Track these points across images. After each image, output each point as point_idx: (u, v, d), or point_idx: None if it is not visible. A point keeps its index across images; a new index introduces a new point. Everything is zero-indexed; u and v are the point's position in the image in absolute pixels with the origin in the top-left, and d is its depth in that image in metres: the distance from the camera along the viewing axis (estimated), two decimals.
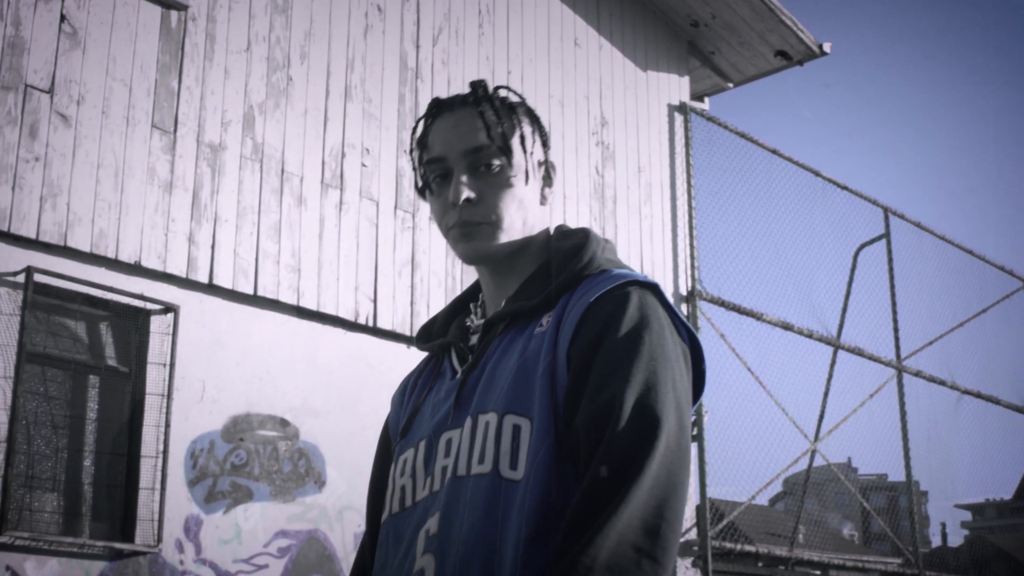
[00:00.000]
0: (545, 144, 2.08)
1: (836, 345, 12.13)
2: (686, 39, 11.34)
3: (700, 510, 9.97)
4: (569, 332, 1.84)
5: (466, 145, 1.95)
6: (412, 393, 2.13)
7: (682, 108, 11.02)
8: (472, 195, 1.94)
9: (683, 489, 1.72)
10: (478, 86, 2.02)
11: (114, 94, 7.15)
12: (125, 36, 7.29)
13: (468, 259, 1.98)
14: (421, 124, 2.05)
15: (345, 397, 7.89)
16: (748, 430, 10.84)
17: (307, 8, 8.32)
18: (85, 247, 6.79)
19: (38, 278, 6.55)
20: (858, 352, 12.37)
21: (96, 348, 6.97)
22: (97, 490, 6.80)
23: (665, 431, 1.71)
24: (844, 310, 12.48)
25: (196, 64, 7.60)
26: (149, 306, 7.05)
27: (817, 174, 12.28)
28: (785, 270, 11.68)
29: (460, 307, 2.15)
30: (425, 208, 8.65)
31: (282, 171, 7.87)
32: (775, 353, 11.23)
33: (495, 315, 2.00)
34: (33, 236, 6.59)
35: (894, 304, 13.02)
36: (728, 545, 10.03)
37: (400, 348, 8.30)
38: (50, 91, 6.87)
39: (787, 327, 11.41)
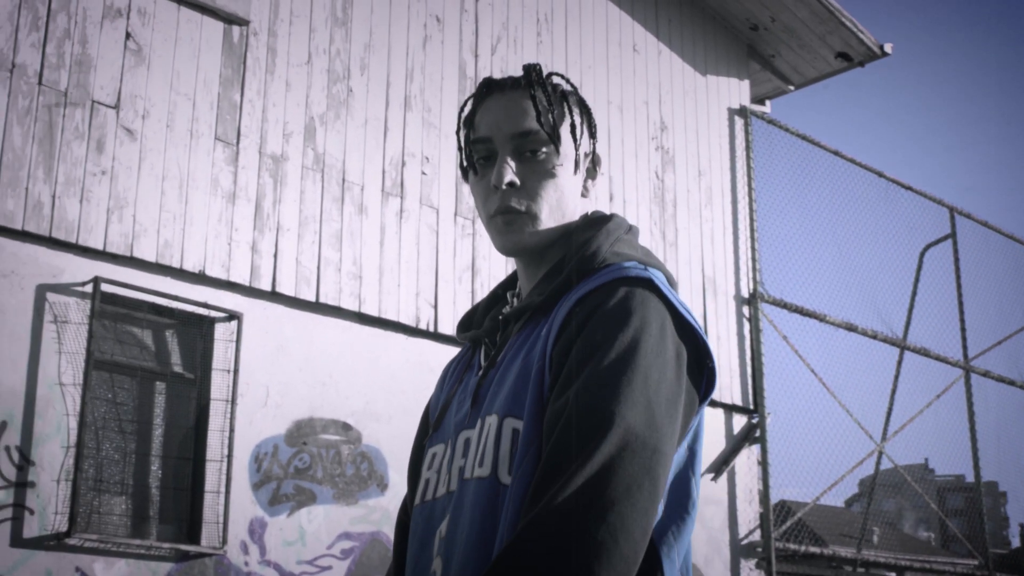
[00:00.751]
0: (593, 136, 2.01)
1: (902, 346, 11.92)
2: (746, 43, 11.23)
3: (763, 511, 9.84)
4: (555, 333, 1.77)
5: (514, 128, 1.89)
6: (448, 383, 2.08)
7: (742, 112, 10.90)
8: (516, 180, 1.88)
9: (642, 494, 1.59)
10: (532, 69, 1.94)
11: (178, 108, 7.23)
12: (188, 51, 7.38)
13: (506, 251, 1.92)
14: (470, 103, 1.98)
15: (407, 401, 7.90)
16: (813, 431, 10.69)
17: (367, 20, 8.36)
18: (151, 257, 6.87)
19: (105, 288, 6.64)
20: (924, 353, 12.15)
21: (162, 355, 7.05)
22: (164, 493, 6.87)
23: (619, 430, 1.60)
24: (910, 310, 12.26)
25: (258, 77, 7.67)
26: (213, 314, 7.12)
27: (881, 175, 12.08)
28: (849, 271, 11.52)
29: (501, 296, 2.09)
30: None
31: (343, 180, 7.91)
32: (839, 354, 11.07)
33: (510, 312, 1.94)
34: (100, 247, 6.68)
35: (961, 304, 12.78)
36: (792, 546, 9.89)
37: None
38: (116, 106, 6.97)
39: (851, 328, 11.23)
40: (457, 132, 2.00)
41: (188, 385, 7.05)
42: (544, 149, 1.89)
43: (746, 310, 10.32)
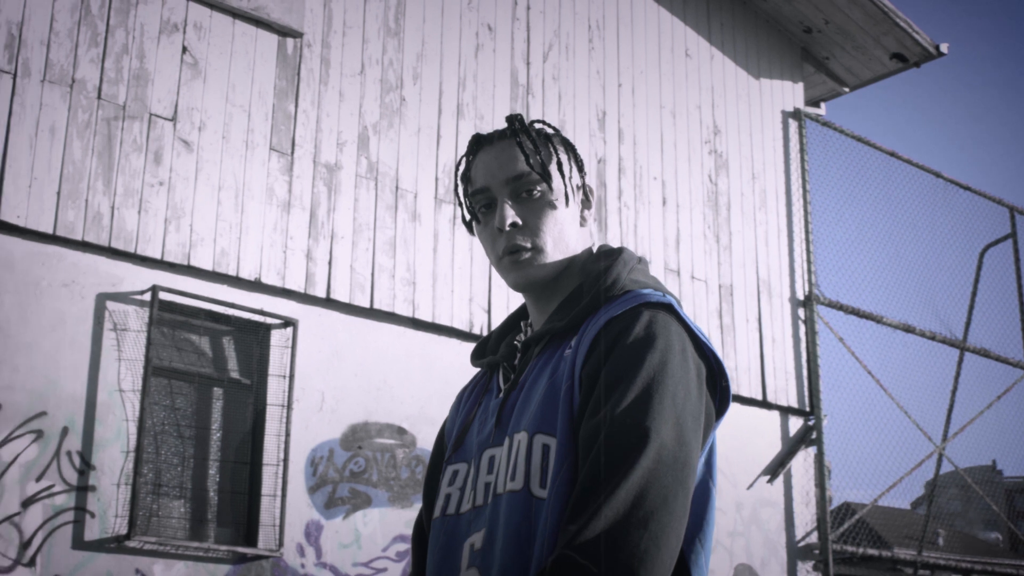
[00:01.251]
0: (581, 169, 2.13)
1: (962, 347, 11.72)
2: (800, 46, 11.12)
3: (820, 513, 9.73)
4: (583, 354, 1.86)
5: (508, 174, 2.01)
6: (465, 406, 2.17)
7: (796, 114, 10.79)
8: (518, 220, 1.98)
9: (676, 504, 1.69)
10: (514, 119, 2.08)
11: (233, 119, 7.31)
12: (243, 64, 7.45)
13: (519, 287, 2.02)
14: (463, 161, 2.11)
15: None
16: (871, 433, 10.55)
17: (419, 30, 8.40)
18: (207, 266, 6.95)
19: (163, 296, 6.73)
20: (984, 353, 11.93)
21: (219, 361, 7.13)
22: (222, 497, 6.94)
23: (655, 445, 1.70)
24: (970, 311, 12.05)
25: (312, 88, 7.73)
26: (269, 320, 7.18)
27: (938, 175, 11.90)
28: (906, 273, 11.35)
29: (513, 325, 2.20)
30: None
31: (396, 188, 7.95)
32: (896, 356, 10.91)
33: (531, 336, 2.04)
34: (158, 256, 6.77)
35: (1022, 304, 12.53)
36: (850, 548, 9.77)
37: None
38: (173, 119, 7.06)
39: (908, 329, 11.07)
40: (455, 190, 2.14)
41: (245, 390, 7.12)
42: (538, 188, 2.01)
43: (801, 312, 10.22)
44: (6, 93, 6.46)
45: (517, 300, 8.35)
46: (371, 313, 7.62)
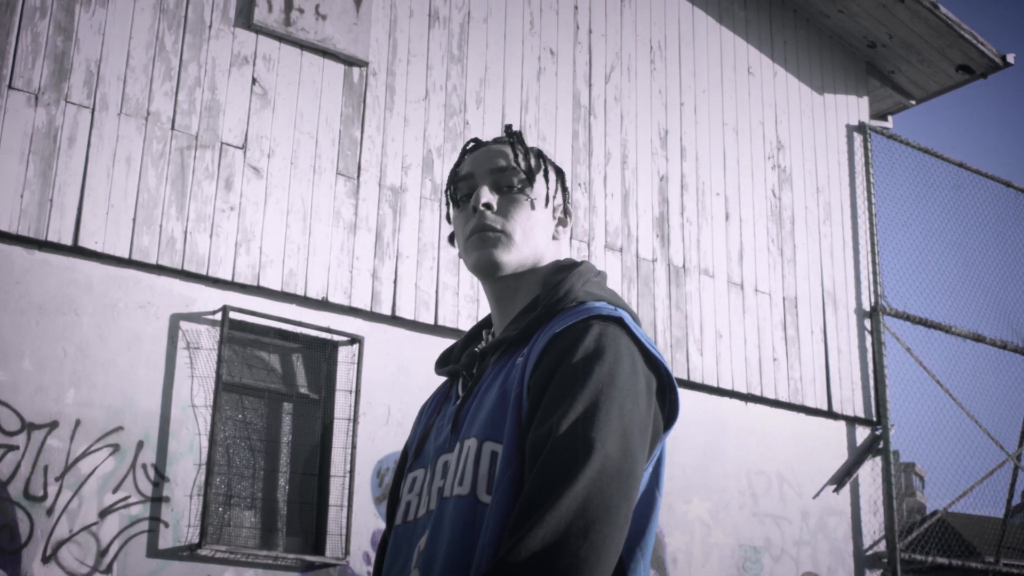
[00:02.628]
0: (565, 192, 2.15)
1: None
2: (864, 60, 10.93)
3: (888, 522, 9.52)
4: (532, 363, 1.85)
5: (493, 165, 2.04)
6: (426, 414, 2.18)
7: (861, 128, 10.61)
8: (493, 203, 2.00)
9: (619, 514, 1.68)
10: (510, 129, 2.11)
11: (301, 146, 7.43)
12: (311, 93, 7.57)
13: (478, 267, 2.01)
14: (459, 158, 2.15)
15: None
16: (940, 443, 10.30)
17: (482, 57, 8.44)
18: (276, 286, 7.06)
19: (234, 315, 6.85)
20: None
21: (288, 377, 7.23)
22: (291, 507, 7.03)
23: (599, 457, 1.68)
24: None
25: (377, 114, 7.82)
26: (336, 338, 7.26)
27: (1009, 185, 11.59)
28: (975, 282, 11.06)
29: (476, 335, 2.18)
30: (600, 237, 8.62)
31: None
32: (965, 365, 10.63)
33: (487, 346, 2.04)
34: (229, 278, 6.90)
35: None
36: (918, 557, 9.53)
37: None
38: (243, 147, 7.19)
39: (979, 339, 10.78)
40: (446, 190, 2.14)
41: (313, 405, 7.21)
42: (518, 184, 2.02)
43: (867, 323, 10.02)
44: (85, 126, 6.65)
45: None
46: (435, 329, 7.66)
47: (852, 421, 9.68)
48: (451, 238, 2.14)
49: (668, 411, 1.90)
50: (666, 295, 8.84)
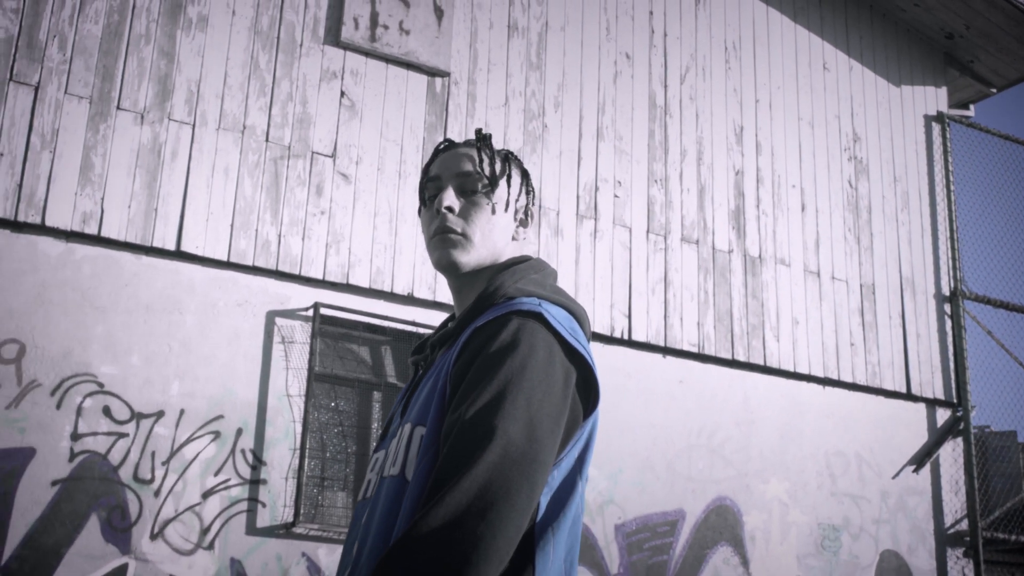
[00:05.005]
0: (530, 194, 2.18)
1: None
2: (942, 51, 10.59)
3: (970, 501, 9.21)
4: (454, 355, 1.90)
5: (458, 169, 2.07)
6: (397, 401, 2.23)
7: (939, 118, 10.28)
8: (455, 206, 2.04)
9: (519, 496, 1.69)
10: (480, 132, 2.15)
11: (387, 153, 7.54)
12: (396, 103, 7.67)
13: (438, 266, 2.07)
14: (432, 157, 2.20)
15: (604, 404, 7.87)
16: (1022, 423, 9.93)
17: (559, 63, 8.44)
18: (364, 284, 7.18)
19: (325, 311, 6.99)
20: None
21: (377, 367, 7.34)
22: None
23: (501, 442, 1.70)
24: None
25: (459, 121, 7.89)
26: (421, 331, 7.35)
27: None
28: None
29: (445, 326, 2.24)
30: (676, 231, 8.54)
31: (540, 206, 8.00)
32: None
33: (428, 339, 2.11)
34: (320, 277, 7.05)
35: None
36: (1000, 535, 9.21)
37: (656, 358, 8.21)
38: (333, 155, 7.33)
39: None
40: (420, 182, 2.18)
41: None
42: (481, 188, 2.06)
43: (947, 307, 9.71)
44: (186, 141, 6.87)
45: (658, 304, 8.28)
46: None
47: (932, 403, 9.39)
48: (419, 212, 2.20)
49: (592, 399, 1.91)
50: (742, 284, 8.71)
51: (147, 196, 6.65)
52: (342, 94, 7.48)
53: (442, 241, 2.03)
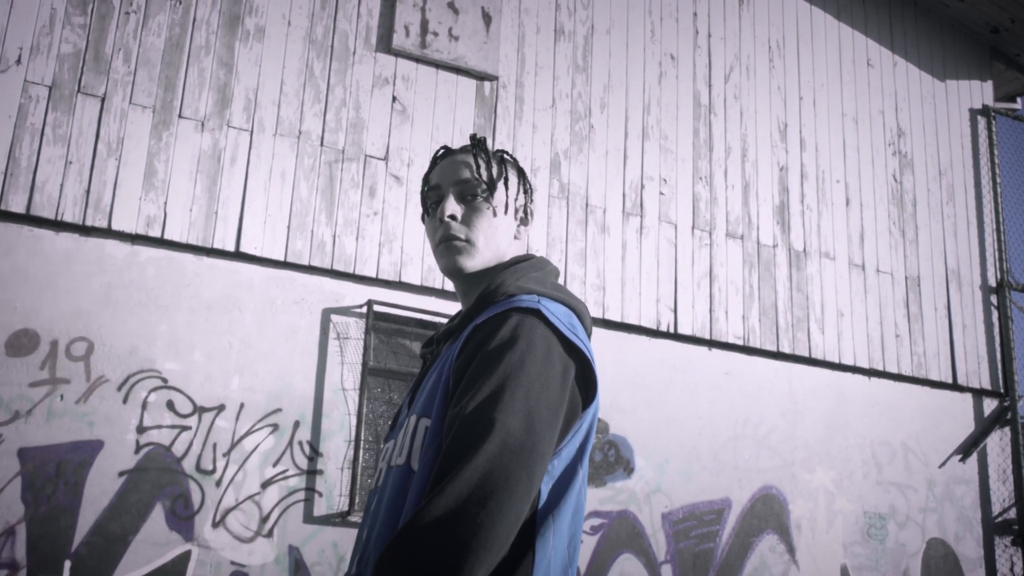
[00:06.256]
0: (527, 193, 2.20)
1: None
2: (988, 45, 10.34)
3: (1018, 490, 9.00)
4: (457, 351, 1.92)
5: (457, 177, 2.10)
6: (407, 393, 2.28)
7: (985, 111, 10.05)
8: (457, 213, 2.07)
9: (519, 486, 1.70)
10: (474, 138, 2.18)
11: None
12: (446, 107, 7.68)
13: (448, 272, 2.09)
14: (431, 165, 2.22)
15: (651, 396, 7.84)
16: None
17: (605, 65, 8.39)
18: (416, 281, 7.20)
19: (378, 308, 7.03)
20: None
21: None
22: None
23: (500, 434, 1.72)
24: None
25: (507, 123, 7.87)
26: None
27: None
28: None
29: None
30: (721, 226, 8.45)
31: (586, 205, 7.97)
32: None
33: (436, 334, 2.14)
34: (373, 275, 7.08)
35: None
36: None
37: (702, 351, 8.13)
38: (385, 158, 7.36)
39: None
40: (421, 191, 2.21)
41: None
42: (481, 194, 2.08)
43: (993, 298, 9.50)
44: (244, 147, 6.94)
45: (703, 299, 8.20)
46: None
47: (979, 393, 9.19)
48: (423, 219, 2.22)
49: (590, 391, 1.92)
50: (787, 278, 8.60)
51: (208, 200, 6.73)
52: (394, 99, 7.51)
53: (447, 248, 2.06)
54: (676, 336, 8.03)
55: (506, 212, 2.11)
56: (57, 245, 6.29)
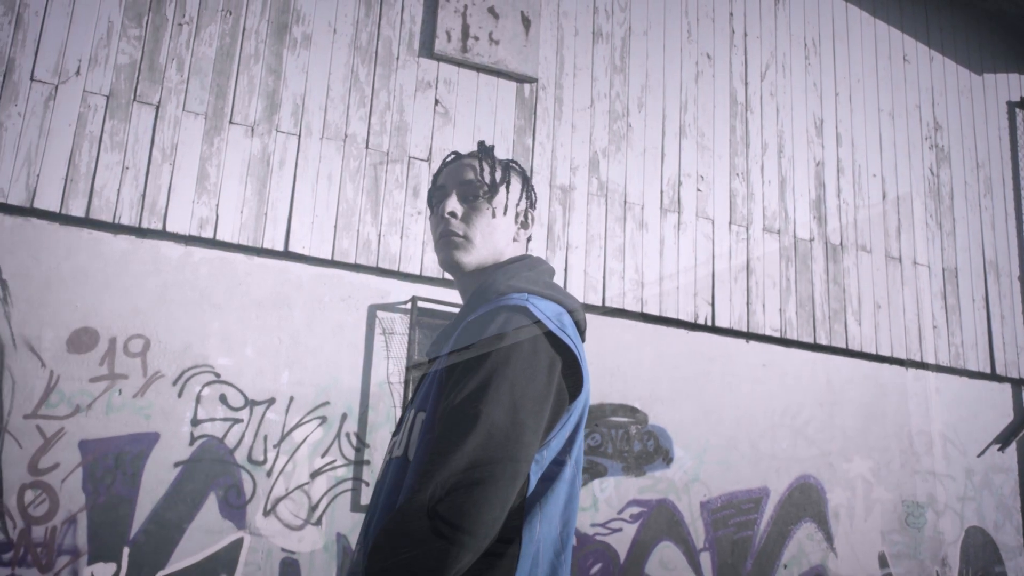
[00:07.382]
0: (530, 199, 2.27)
1: None
2: None
3: None
4: (450, 347, 1.97)
5: (461, 178, 2.17)
6: (414, 390, 2.32)
7: (1023, 103, 9.84)
8: (457, 211, 2.13)
9: (504, 474, 1.74)
10: (482, 144, 2.26)
11: None
12: (487, 109, 7.69)
13: (443, 265, 2.17)
14: (440, 168, 2.30)
15: (689, 387, 7.79)
16: None
17: (642, 66, 8.34)
18: None
19: (422, 304, 7.05)
20: None
21: None
22: None
23: (485, 425, 1.76)
24: None
25: (547, 123, 7.86)
26: None
27: None
28: None
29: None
30: (758, 221, 8.36)
31: (624, 202, 7.93)
32: None
33: (440, 334, 2.19)
34: (417, 272, 7.11)
35: None
36: None
37: (739, 343, 8.06)
38: (428, 159, 7.39)
39: None
40: (428, 194, 2.28)
41: None
42: (482, 195, 2.14)
43: None
44: (293, 151, 7.00)
45: (740, 292, 8.12)
46: (603, 310, 7.65)
47: (1018, 383, 9.01)
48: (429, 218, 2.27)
49: (578, 385, 1.96)
50: (823, 271, 8.49)
51: (257, 202, 6.80)
52: (436, 102, 7.53)
53: (446, 243, 2.12)
54: (714, 329, 7.97)
55: (505, 214, 2.14)
56: (115, 247, 6.40)
